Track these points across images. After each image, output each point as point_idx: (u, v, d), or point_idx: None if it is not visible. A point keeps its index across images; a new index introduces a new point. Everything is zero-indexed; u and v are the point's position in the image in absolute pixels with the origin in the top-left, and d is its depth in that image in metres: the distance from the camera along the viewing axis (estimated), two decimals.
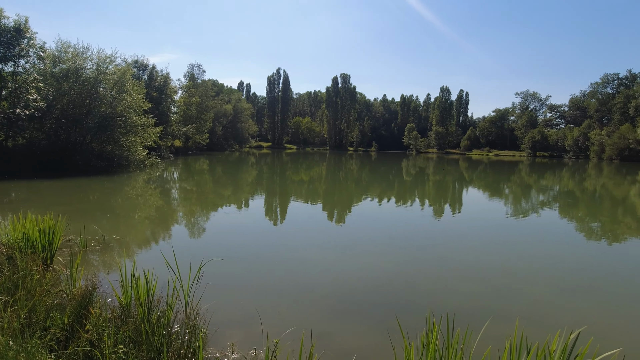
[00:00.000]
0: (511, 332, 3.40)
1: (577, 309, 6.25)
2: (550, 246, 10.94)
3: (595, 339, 4.05)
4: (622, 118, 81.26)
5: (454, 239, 11.56)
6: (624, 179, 37.18)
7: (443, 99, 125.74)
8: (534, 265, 8.78)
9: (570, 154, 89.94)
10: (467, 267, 8.30)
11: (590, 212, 17.67)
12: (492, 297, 6.66)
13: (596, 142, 79.07)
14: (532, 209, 18.54)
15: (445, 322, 4.27)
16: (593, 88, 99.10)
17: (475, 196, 24.33)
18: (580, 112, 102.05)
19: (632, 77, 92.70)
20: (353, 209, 16.31)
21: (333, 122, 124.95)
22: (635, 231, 13.66)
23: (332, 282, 7.15)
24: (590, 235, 12.66)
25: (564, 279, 7.81)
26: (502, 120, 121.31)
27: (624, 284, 7.72)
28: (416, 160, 68.15)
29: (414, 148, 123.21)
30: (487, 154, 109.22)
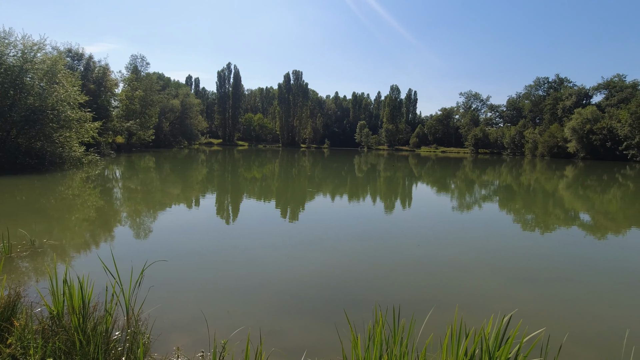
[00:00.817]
0: (452, 320, 3.55)
1: (509, 294, 6.69)
2: (489, 237, 11.69)
3: (524, 321, 4.38)
4: (552, 118, 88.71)
5: (403, 233, 11.92)
6: (553, 174, 40.55)
7: (393, 97, 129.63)
8: (474, 255, 9.30)
9: (508, 151, 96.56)
10: (415, 260, 8.59)
11: (526, 205, 19.07)
12: (436, 287, 6.94)
13: (530, 140, 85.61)
14: (475, 202, 19.65)
15: (392, 313, 4.39)
16: (527, 90, 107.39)
17: (424, 191, 25.33)
18: (516, 112, 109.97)
19: (559, 80, 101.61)
20: (306, 206, 16.31)
21: (285, 119, 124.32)
22: (563, 221, 14.94)
23: (284, 279, 7.07)
24: (525, 226, 13.64)
25: (500, 268, 8.36)
26: (448, 118, 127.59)
27: (551, 269, 8.40)
28: (368, 157, 69.72)
29: (366, 145, 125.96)
30: (435, 150, 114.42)
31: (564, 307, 6.25)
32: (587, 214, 16.95)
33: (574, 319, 5.76)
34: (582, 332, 5.28)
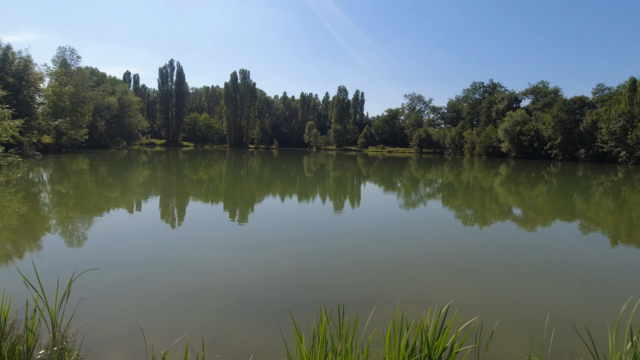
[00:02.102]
0: (394, 314, 3.62)
1: (448, 286, 7.01)
2: (432, 233, 12.22)
3: (460, 311, 4.64)
4: (487, 120, 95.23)
5: (351, 232, 12.06)
6: (489, 172, 43.48)
7: (341, 98, 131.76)
8: (417, 251, 9.66)
9: (449, 151, 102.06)
10: (360, 258, 8.71)
11: (466, 202, 20.20)
12: (380, 284, 7.06)
13: (469, 140, 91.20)
14: (420, 200, 20.47)
15: (337, 311, 4.40)
16: (465, 93, 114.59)
17: (371, 190, 25.94)
18: (456, 114, 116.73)
19: (493, 85, 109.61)
20: (255, 207, 16.00)
21: (233, 118, 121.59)
22: (498, 216, 16.01)
23: (229, 283, 6.83)
24: (465, 222, 14.43)
25: (440, 262, 8.74)
26: (394, 119, 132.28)
27: (486, 261, 8.97)
28: (317, 157, 70.20)
29: (315, 145, 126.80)
30: (382, 150, 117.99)
31: (495, 295, 6.67)
32: (518, 209, 18.33)
33: (504, 306, 6.16)
34: (511, 317, 5.65)
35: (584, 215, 16.64)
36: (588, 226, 14.33)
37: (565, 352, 4.46)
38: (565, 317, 5.55)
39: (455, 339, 3.35)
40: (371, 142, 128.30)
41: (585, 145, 67.03)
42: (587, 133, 66.66)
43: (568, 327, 5.08)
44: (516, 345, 4.67)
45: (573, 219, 15.77)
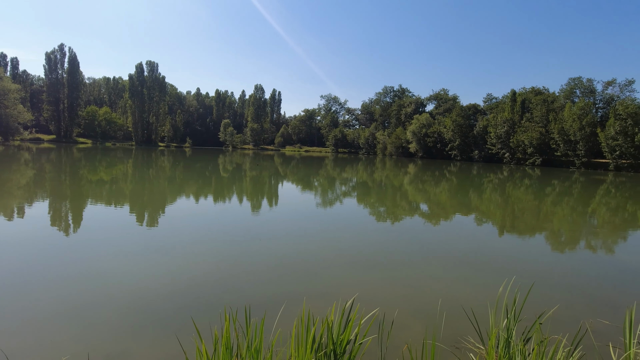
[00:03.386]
0: (301, 312, 3.52)
1: (353, 281, 7.19)
2: (345, 231, 12.50)
3: (364, 304, 4.82)
4: (397, 122, 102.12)
5: (263, 232, 11.74)
6: (399, 171, 46.49)
7: (258, 97, 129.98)
8: (327, 248, 9.78)
9: (363, 151, 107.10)
10: (270, 258, 8.51)
11: (379, 199, 21.18)
12: (289, 282, 6.99)
13: (381, 141, 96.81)
14: (336, 198, 20.91)
15: (244, 314, 4.23)
16: (377, 96, 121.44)
17: (288, 189, 25.82)
18: (369, 115, 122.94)
19: (402, 90, 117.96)
20: (167, 210, 14.76)
21: (139, 114, 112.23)
22: (407, 212, 17.06)
23: (129, 294, 6.09)
24: (378, 218, 15.06)
25: (348, 258, 8.92)
26: (311, 119, 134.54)
27: (391, 255, 9.46)
28: (233, 156, 68.18)
29: (231, 144, 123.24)
30: (299, 150, 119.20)
31: (396, 286, 7.02)
32: (425, 205, 19.76)
33: (404, 296, 6.51)
34: (410, 306, 5.99)
35: (478, 209, 18.56)
36: (481, 219, 15.98)
37: (457, 333, 4.83)
38: (456, 302, 6.04)
39: (359, 331, 3.44)
40: (288, 142, 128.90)
41: (478, 147, 75.58)
42: (479, 136, 75.21)
43: (459, 310, 5.50)
44: (414, 332, 4.93)
45: (469, 213, 17.47)
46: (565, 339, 3.56)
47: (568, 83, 70.60)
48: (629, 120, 52.19)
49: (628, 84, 64.11)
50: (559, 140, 60.36)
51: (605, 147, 54.51)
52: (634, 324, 3.12)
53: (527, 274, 7.88)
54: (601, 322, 5.21)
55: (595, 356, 3.95)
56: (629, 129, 51.82)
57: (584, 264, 9.60)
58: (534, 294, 6.18)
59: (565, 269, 8.88)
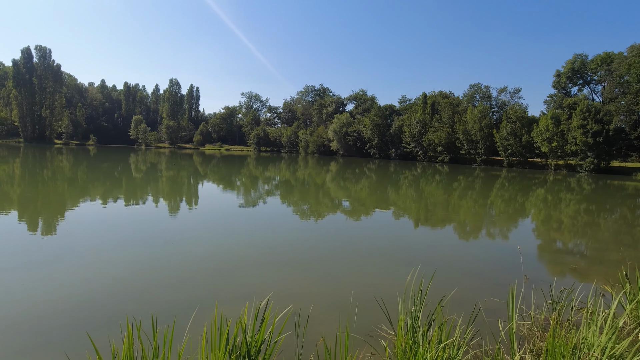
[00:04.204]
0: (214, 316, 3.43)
1: (268, 280, 7.18)
2: (267, 230, 12.45)
3: (279, 301, 4.85)
4: (319, 121, 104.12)
5: (182, 234, 11.19)
6: (322, 169, 47.48)
7: (173, 92, 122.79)
8: (244, 248, 9.62)
9: (286, 149, 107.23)
10: (182, 262, 8.13)
11: (302, 197, 21.39)
12: (200, 286, 6.75)
13: (303, 139, 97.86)
14: (260, 197, 20.65)
15: (150, 323, 3.98)
16: (299, 95, 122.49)
17: (210, 189, 24.85)
18: (291, 114, 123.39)
19: (323, 90, 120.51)
20: (67, 215, 13.21)
21: (28, 106, 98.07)
22: (330, 209, 17.51)
23: (16, 312, 5.34)
24: (302, 216, 15.22)
25: (265, 257, 8.88)
26: (232, 117, 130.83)
27: (310, 251, 9.65)
28: (147, 155, 63.53)
29: (144, 142, 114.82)
30: (220, 148, 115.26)
31: (312, 282, 7.19)
32: (347, 201, 20.46)
33: (319, 291, 6.70)
34: (325, 300, 6.19)
35: (395, 204, 19.77)
36: (398, 213, 17.05)
37: (372, 322, 5.09)
38: (369, 292, 6.36)
39: (273, 329, 3.43)
40: (208, 140, 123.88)
41: (395, 146, 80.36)
42: (395, 135, 79.98)
43: (371, 300, 5.76)
44: (330, 324, 5.09)
45: (388, 208, 18.53)
46: (461, 318, 3.96)
47: (469, 88, 78.37)
48: (517, 123, 59.71)
49: (516, 91, 73.36)
50: (463, 139, 66.84)
51: (500, 146, 61.70)
52: (515, 299, 3.58)
53: (434, 261, 8.58)
54: (494, 301, 5.89)
55: (486, 331, 4.48)
56: (518, 130, 59.31)
57: (482, 250, 10.76)
58: (440, 279, 6.76)
59: (467, 255, 9.87)
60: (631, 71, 53.38)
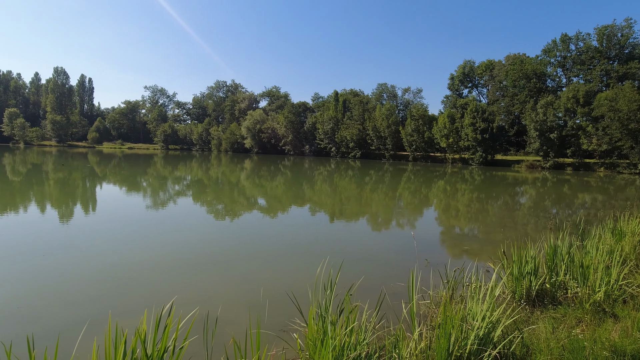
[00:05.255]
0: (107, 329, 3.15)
1: (171, 285, 6.83)
2: (172, 232, 11.74)
3: (183, 306, 4.62)
4: (232, 118, 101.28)
5: (84, 241, 10.03)
6: (236, 167, 46.31)
7: (60, 83, 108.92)
8: (147, 254, 8.96)
9: (197, 147, 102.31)
10: (70, 274, 7.32)
11: (216, 197, 20.62)
12: (92, 299, 6.15)
13: (215, 137, 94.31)
14: (169, 199, 19.38)
15: (26, 345, 3.54)
16: (210, 91, 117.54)
17: (110, 192, 22.59)
18: (202, 110, 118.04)
19: (235, 85, 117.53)
20: None
21: None
22: (245, 207, 17.18)
23: None
24: (215, 216, 14.67)
25: (170, 261, 8.38)
26: (134, 112, 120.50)
27: (220, 252, 9.37)
28: (26, 155, 55.42)
29: (22, 140, 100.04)
30: (121, 147, 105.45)
31: (219, 283, 7.00)
32: (262, 199, 20.27)
33: (227, 291, 6.56)
34: (234, 299, 6.12)
35: (310, 200, 20.15)
36: (314, 208, 17.42)
37: (285, 317, 5.14)
38: (281, 287, 6.42)
39: (177, 336, 3.25)
40: (106, 138, 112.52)
41: (309, 142, 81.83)
42: (309, 132, 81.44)
43: (283, 295, 5.78)
44: (240, 324, 5.03)
45: (303, 204, 18.81)
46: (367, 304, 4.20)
47: (377, 87, 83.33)
48: (420, 120, 65.08)
49: (418, 91, 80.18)
50: (373, 136, 70.79)
51: (406, 142, 66.69)
52: (415, 282, 3.91)
53: (344, 253, 8.96)
54: (399, 285, 6.36)
55: (391, 313, 4.82)
56: (420, 127, 64.70)
57: (390, 239, 11.53)
58: (350, 269, 7.07)
59: (376, 245, 10.49)
60: (508, 77, 61.68)
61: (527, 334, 4.10)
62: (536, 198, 23.28)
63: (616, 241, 7.48)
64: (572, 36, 56.41)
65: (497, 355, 3.37)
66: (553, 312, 4.89)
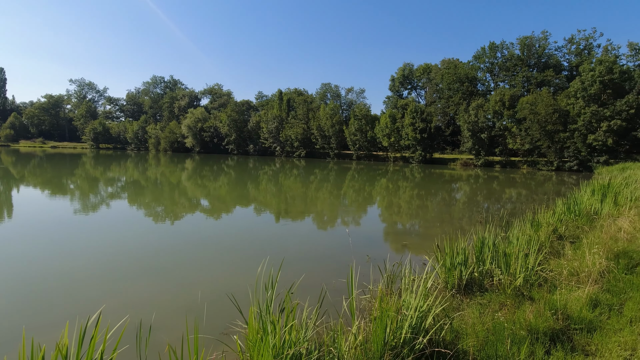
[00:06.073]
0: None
1: (98, 294, 6.45)
2: (106, 238, 10.98)
3: (110, 315, 4.35)
4: (171, 115, 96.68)
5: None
6: (176, 167, 44.31)
7: None
8: (71, 263, 8.33)
9: (132, 146, 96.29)
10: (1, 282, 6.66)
11: (155, 198, 19.58)
12: (5, 314, 5.65)
13: (153, 135, 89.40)
14: (102, 202, 18.08)
15: None
16: (146, 87, 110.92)
17: (30, 196, 20.54)
18: (137, 107, 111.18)
19: (174, 82, 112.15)
20: None
21: None
22: (187, 209, 16.52)
23: None
24: (155, 219, 13.94)
25: (97, 268, 7.90)
26: (57, 108, 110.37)
27: (155, 256, 8.92)
28: None
29: None
30: (42, 145, 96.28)
31: (153, 289, 6.68)
32: (205, 200, 19.62)
33: (162, 297, 6.29)
34: (170, 305, 5.91)
35: (256, 200, 19.88)
36: (259, 208, 17.21)
37: (225, 319, 5.04)
38: (221, 290, 6.29)
39: (104, 347, 3.07)
40: (24, 135, 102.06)
41: (253, 142, 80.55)
42: (253, 131, 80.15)
43: (223, 298, 5.69)
44: (177, 329, 4.87)
45: (248, 204, 18.50)
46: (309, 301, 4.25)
47: (321, 87, 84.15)
48: (362, 120, 66.83)
49: (361, 92, 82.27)
50: (318, 135, 71.43)
51: (349, 141, 68.11)
52: (355, 277, 4.03)
53: (285, 252, 8.98)
54: (341, 281, 6.50)
55: (332, 309, 4.93)
56: (363, 127, 66.47)
57: (334, 236, 11.73)
58: (292, 268, 7.09)
59: (319, 242, 10.62)
60: (443, 80, 65.45)
61: (457, 320, 4.40)
62: (470, 194, 25.00)
63: (534, 231, 8.28)
64: (498, 44, 61.26)
65: (429, 341, 3.59)
66: (480, 298, 5.30)
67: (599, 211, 10.82)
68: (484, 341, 3.90)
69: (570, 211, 10.53)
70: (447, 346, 3.69)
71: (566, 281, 5.67)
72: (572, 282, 5.62)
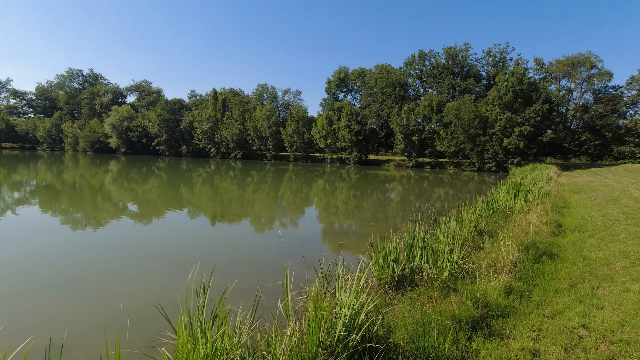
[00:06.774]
0: None
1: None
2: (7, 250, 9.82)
3: (13, 335, 3.92)
4: (91, 113, 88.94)
5: None
6: (98, 169, 40.84)
7: None
8: None
9: (45, 146, 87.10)
10: None
11: (73, 203, 17.84)
12: None
13: (70, 134, 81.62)
14: (7, 208, 16.05)
15: None
16: (60, 80, 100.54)
17: None
18: (50, 102, 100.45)
19: (94, 76, 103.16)
20: None
21: None
22: (112, 214, 15.28)
23: None
24: (75, 226, 12.70)
25: (4, 284, 7.04)
26: None
27: (65, 271, 8.04)
28: None
29: None
30: None
31: (66, 305, 6.12)
32: (133, 204, 18.30)
33: (76, 312, 5.76)
34: (85, 321, 5.42)
35: (190, 203, 18.99)
36: (193, 211, 16.47)
37: (152, 331, 4.73)
38: (146, 300, 5.89)
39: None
40: None
41: (186, 142, 77.08)
42: (186, 132, 76.71)
43: (149, 308, 5.35)
44: (95, 346, 4.49)
45: (182, 208, 17.61)
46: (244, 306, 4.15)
47: (258, 88, 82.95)
48: (300, 122, 67.20)
49: (298, 93, 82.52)
50: (254, 136, 70.37)
51: (287, 143, 68.08)
52: (290, 279, 4.01)
53: (218, 256, 8.69)
54: (277, 284, 6.44)
55: (268, 313, 4.86)
56: (300, 128, 66.84)
57: (269, 239, 11.59)
58: (225, 272, 6.86)
59: (254, 245, 10.43)
60: (377, 84, 68.14)
61: (389, 315, 4.58)
62: (403, 194, 26.26)
63: (458, 227, 8.92)
64: (427, 53, 65.31)
65: (362, 338, 3.68)
66: (411, 293, 5.57)
67: (512, 207, 11.98)
68: (414, 333, 4.09)
69: (489, 208, 11.52)
70: (380, 341, 3.81)
71: (485, 272, 6.18)
72: (490, 272, 6.13)
